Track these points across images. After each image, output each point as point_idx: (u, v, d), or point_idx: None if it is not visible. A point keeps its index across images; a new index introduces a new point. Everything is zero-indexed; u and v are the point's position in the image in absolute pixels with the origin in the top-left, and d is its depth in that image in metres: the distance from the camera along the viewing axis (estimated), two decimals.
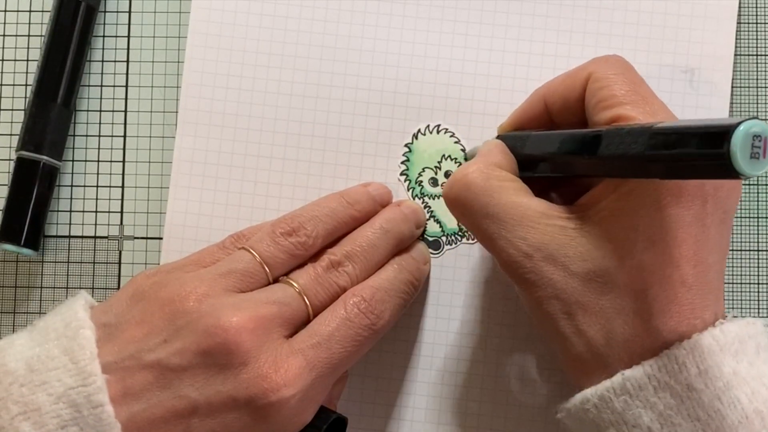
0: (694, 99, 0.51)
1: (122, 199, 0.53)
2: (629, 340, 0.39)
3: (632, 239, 0.39)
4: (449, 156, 0.52)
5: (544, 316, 0.41)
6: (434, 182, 0.52)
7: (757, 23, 0.53)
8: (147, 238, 0.53)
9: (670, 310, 0.39)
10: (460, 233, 0.51)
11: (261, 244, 0.46)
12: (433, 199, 0.52)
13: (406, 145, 0.52)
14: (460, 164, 0.51)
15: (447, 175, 0.52)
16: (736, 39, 0.52)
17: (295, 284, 0.45)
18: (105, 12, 0.54)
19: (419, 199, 0.52)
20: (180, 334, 0.41)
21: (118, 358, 0.41)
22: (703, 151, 0.34)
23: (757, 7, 0.53)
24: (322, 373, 0.43)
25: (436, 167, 0.52)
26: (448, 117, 0.52)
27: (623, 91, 0.41)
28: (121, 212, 0.53)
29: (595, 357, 0.40)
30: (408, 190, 0.52)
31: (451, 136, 0.52)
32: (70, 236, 0.53)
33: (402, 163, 0.52)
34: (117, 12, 0.54)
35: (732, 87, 0.52)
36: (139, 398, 0.41)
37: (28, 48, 0.54)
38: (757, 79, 0.52)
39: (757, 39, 0.52)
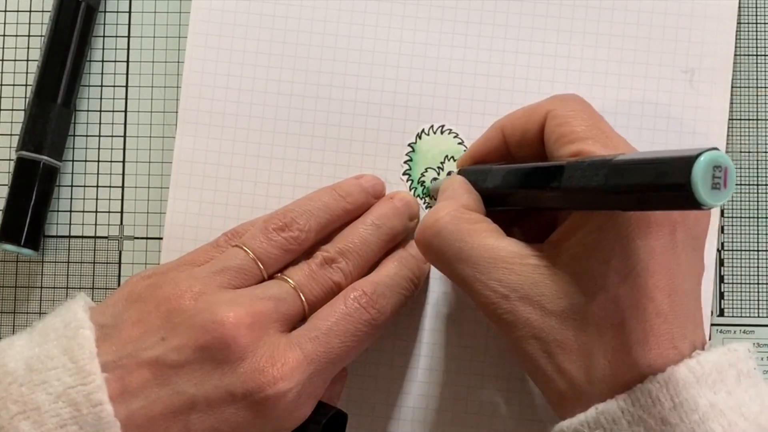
0: (694, 99, 0.51)
1: (122, 199, 0.53)
2: (609, 375, 0.39)
3: (605, 274, 0.39)
4: (452, 157, 0.52)
5: (524, 356, 0.41)
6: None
7: (757, 23, 0.53)
8: (147, 238, 0.53)
9: (647, 341, 0.38)
10: None
11: (254, 241, 0.46)
12: (435, 199, 0.51)
13: (409, 145, 0.52)
14: None
15: (449, 175, 0.52)
16: (736, 39, 0.52)
17: (290, 280, 0.45)
18: (105, 12, 0.54)
19: (421, 199, 0.52)
20: (177, 332, 0.42)
21: (117, 357, 0.41)
22: (664, 183, 0.33)
23: (757, 7, 0.53)
24: (320, 368, 0.43)
25: (438, 168, 0.52)
26: (448, 117, 0.52)
27: (583, 127, 0.41)
28: (121, 212, 0.53)
29: (577, 393, 0.40)
30: (410, 190, 0.52)
31: (454, 137, 0.52)
32: (70, 236, 0.53)
33: (405, 162, 0.52)
34: (117, 12, 0.54)
35: (732, 87, 0.52)
36: (137, 396, 0.41)
37: (28, 48, 0.54)
38: (757, 79, 0.52)
39: (757, 39, 0.52)
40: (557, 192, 0.39)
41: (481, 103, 0.52)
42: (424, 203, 0.52)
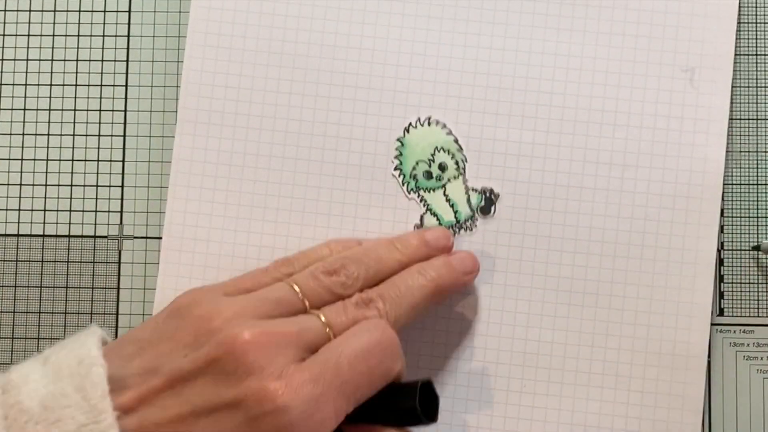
0: (695, 98, 0.51)
1: (122, 199, 0.53)
2: None
3: None
4: (442, 148, 0.52)
5: None
6: (428, 175, 0.52)
7: (756, 23, 0.53)
8: (147, 237, 0.53)
9: None
10: (457, 225, 0.51)
11: (300, 278, 0.46)
12: (429, 192, 0.52)
13: (398, 140, 0.52)
14: (453, 155, 0.51)
15: (441, 167, 0.51)
16: (736, 39, 0.52)
17: (321, 316, 0.45)
18: (105, 12, 0.54)
19: (414, 192, 0.52)
20: (202, 347, 0.43)
21: (144, 369, 0.43)
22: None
23: (757, 7, 0.53)
24: (329, 392, 0.42)
25: (429, 160, 0.52)
26: (448, 115, 0.52)
27: None
28: (121, 212, 0.53)
29: None
30: (403, 184, 0.52)
31: (443, 128, 0.52)
32: (69, 236, 0.53)
33: (395, 158, 0.52)
34: (117, 12, 0.54)
35: (732, 87, 0.52)
36: (151, 404, 0.42)
37: (28, 48, 0.54)
38: (756, 79, 0.52)
39: (756, 39, 0.52)
40: None
41: (481, 102, 0.52)
42: (419, 197, 0.52)
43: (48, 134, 0.54)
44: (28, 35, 0.54)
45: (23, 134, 0.54)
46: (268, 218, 0.52)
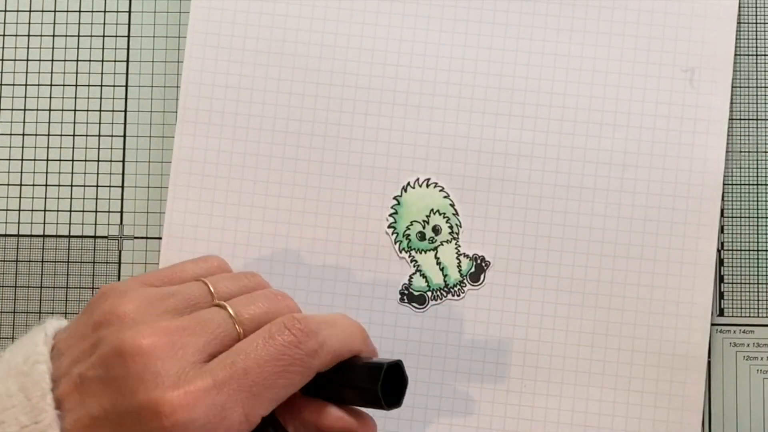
0: (695, 98, 0.51)
1: (122, 199, 0.53)
2: None
3: None
4: (438, 210, 0.52)
5: None
6: (422, 236, 0.51)
7: (756, 23, 0.53)
8: (147, 237, 0.53)
9: None
10: (445, 289, 0.51)
11: (219, 279, 0.43)
12: (420, 253, 0.51)
13: (394, 198, 0.52)
14: (448, 219, 0.51)
15: (435, 229, 0.51)
16: (736, 39, 0.52)
17: (228, 307, 0.41)
18: (105, 12, 0.54)
19: (406, 252, 0.51)
20: (99, 346, 0.40)
21: (61, 373, 0.40)
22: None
23: (757, 7, 0.53)
24: (236, 396, 0.39)
25: (424, 221, 0.52)
26: (448, 116, 0.52)
27: None
28: (121, 212, 0.53)
29: None
30: (395, 243, 0.52)
31: (440, 191, 0.52)
32: (69, 236, 0.53)
33: (390, 215, 0.52)
34: (117, 12, 0.54)
35: (732, 87, 0.52)
36: (69, 411, 0.39)
37: (28, 48, 0.54)
38: (756, 79, 0.52)
39: (757, 39, 0.52)
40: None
41: (481, 102, 0.52)
42: (409, 257, 0.52)
43: (48, 134, 0.54)
44: (28, 35, 0.54)
45: (23, 134, 0.54)
46: (268, 218, 0.52)
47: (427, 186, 0.52)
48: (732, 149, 0.52)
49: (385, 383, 0.40)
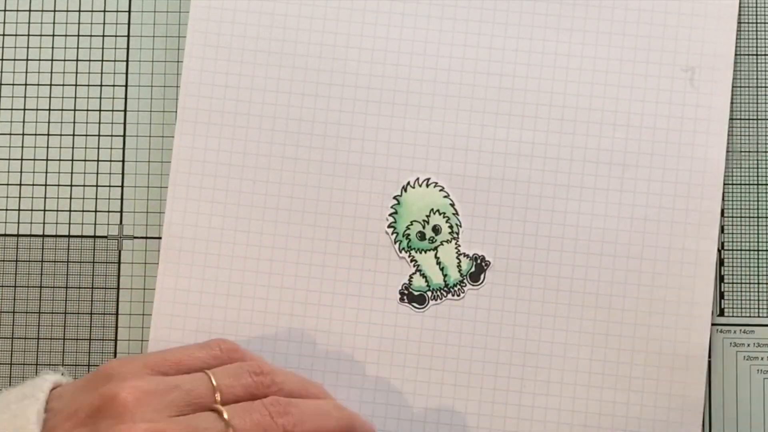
0: (695, 98, 0.51)
1: (122, 199, 0.53)
2: None
3: None
4: (437, 210, 0.52)
5: None
6: (422, 236, 0.51)
7: (757, 23, 0.53)
8: (147, 237, 0.53)
9: None
10: (445, 289, 0.51)
11: (222, 372, 0.44)
12: (420, 252, 0.51)
13: (394, 197, 0.52)
14: (448, 219, 0.51)
15: (435, 229, 0.51)
16: (736, 39, 0.52)
17: (225, 413, 0.43)
18: (105, 12, 0.54)
19: (406, 252, 0.51)
20: None
21: None
22: None
23: (757, 7, 0.53)
24: None
25: (424, 221, 0.52)
26: (448, 116, 0.52)
27: None
28: (121, 212, 0.53)
29: None
30: (395, 243, 0.52)
31: (440, 191, 0.52)
32: (69, 236, 0.53)
33: (390, 215, 0.52)
34: (117, 12, 0.54)
35: (732, 87, 0.52)
36: None
37: (27, 48, 0.54)
38: (757, 79, 0.52)
39: (757, 39, 0.53)
40: None
41: (481, 102, 0.52)
42: (409, 257, 0.52)
43: (48, 134, 0.54)
44: (28, 35, 0.54)
45: (23, 134, 0.54)
46: (268, 218, 0.52)
47: (427, 186, 0.52)
48: (732, 149, 0.52)
49: None
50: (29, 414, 0.42)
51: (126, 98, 0.54)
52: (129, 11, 0.54)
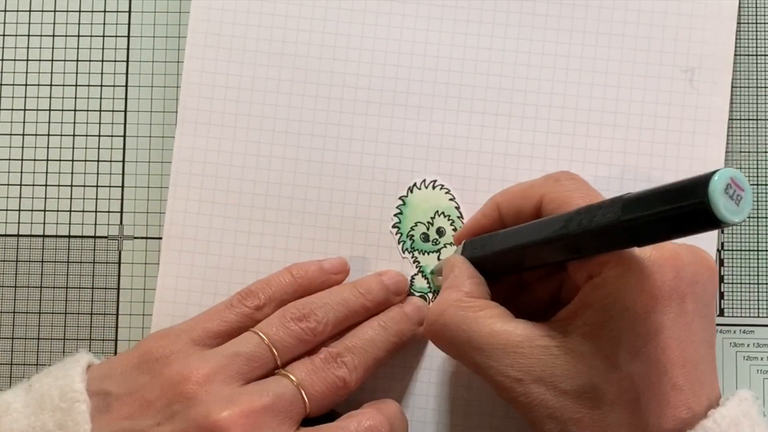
0: (695, 98, 0.51)
1: (122, 199, 0.53)
2: None
3: (615, 352, 0.39)
4: (442, 212, 0.52)
5: None
6: (425, 237, 0.51)
7: (756, 23, 0.53)
8: (147, 238, 0.53)
9: (665, 414, 0.38)
10: None
11: (270, 328, 0.45)
12: (423, 254, 0.51)
13: (400, 198, 0.52)
14: (453, 222, 0.51)
15: (439, 231, 0.51)
16: (736, 39, 0.52)
17: (293, 377, 0.44)
18: (105, 12, 0.54)
19: (409, 252, 0.51)
20: (173, 420, 0.42)
21: (117, 427, 0.42)
22: (682, 204, 0.34)
23: (757, 7, 0.53)
24: None
25: (428, 223, 0.52)
26: (448, 116, 0.52)
27: (582, 204, 0.41)
28: (121, 212, 0.53)
29: None
30: (399, 243, 0.51)
31: (446, 193, 0.52)
32: (69, 236, 0.53)
33: (395, 215, 0.52)
34: (117, 12, 0.54)
35: (732, 87, 0.52)
36: None
37: (28, 48, 0.54)
38: (756, 79, 0.52)
39: (757, 39, 0.53)
40: (568, 238, 0.39)
41: (481, 102, 0.52)
42: (412, 258, 0.51)
43: (48, 134, 0.54)
44: (28, 35, 0.54)
45: (23, 134, 0.54)
46: (268, 218, 0.52)
47: (433, 188, 0.52)
48: (732, 149, 0.52)
49: None
50: (72, 374, 0.42)
51: (126, 98, 0.54)
52: (129, 11, 0.54)
